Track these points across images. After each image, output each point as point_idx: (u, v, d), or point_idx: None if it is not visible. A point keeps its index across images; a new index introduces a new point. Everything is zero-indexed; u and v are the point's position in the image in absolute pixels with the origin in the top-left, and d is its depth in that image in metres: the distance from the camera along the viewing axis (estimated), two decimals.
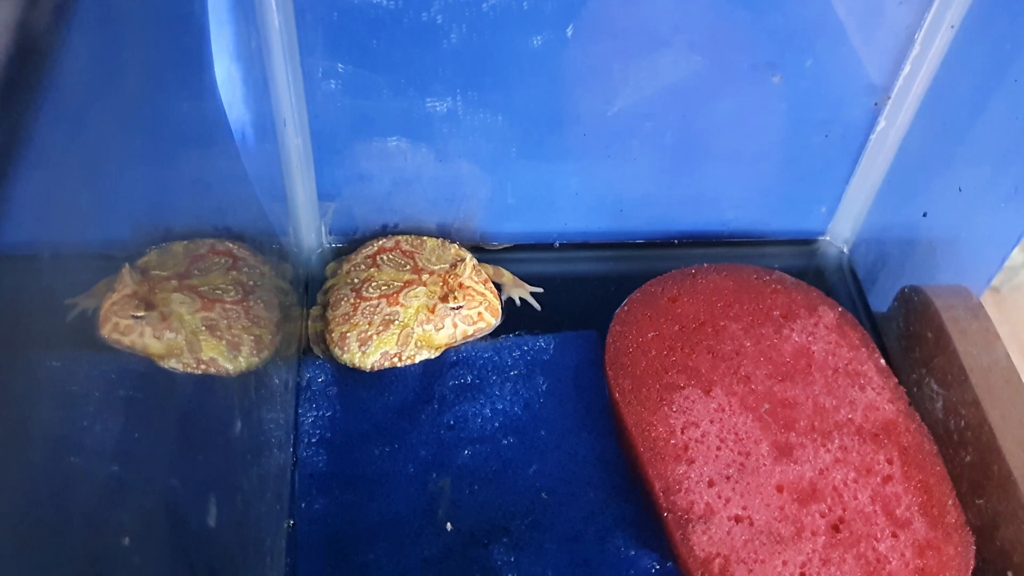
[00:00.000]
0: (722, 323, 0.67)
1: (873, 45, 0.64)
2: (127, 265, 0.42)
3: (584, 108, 0.67)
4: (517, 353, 0.66)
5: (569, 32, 0.62)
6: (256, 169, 0.62)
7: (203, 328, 0.51)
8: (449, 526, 0.59)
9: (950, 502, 0.58)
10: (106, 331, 0.41)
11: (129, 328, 0.44)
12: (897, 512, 0.58)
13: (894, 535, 0.57)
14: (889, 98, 0.67)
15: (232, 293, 0.55)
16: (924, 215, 0.69)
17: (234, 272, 0.56)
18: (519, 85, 0.65)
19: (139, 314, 0.44)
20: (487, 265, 0.72)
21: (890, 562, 0.55)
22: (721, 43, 0.63)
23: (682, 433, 0.61)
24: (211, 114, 0.54)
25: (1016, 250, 0.67)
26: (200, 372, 0.50)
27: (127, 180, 0.41)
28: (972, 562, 0.56)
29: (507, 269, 0.73)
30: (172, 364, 0.47)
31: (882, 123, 0.69)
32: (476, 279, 0.67)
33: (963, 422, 0.61)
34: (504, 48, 0.62)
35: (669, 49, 0.63)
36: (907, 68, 0.65)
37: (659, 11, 0.61)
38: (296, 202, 0.71)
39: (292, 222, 0.72)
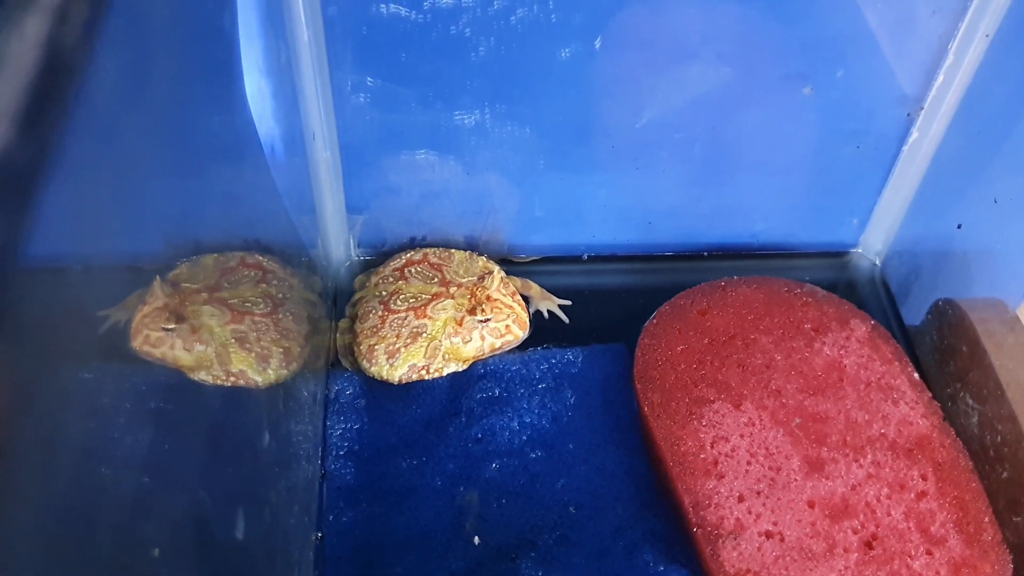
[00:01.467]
0: (752, 336, 0.66)
1: (905, 55, 0.63)
2: (158, 278, 0.42)
3: (612, 120, 0.67)
4: (545, 366, 0.66)
5: (597, 44, 0.61)
6: (285, 182, 0.63)
7: (232, 340, 0.51)
8: (477, 540, 0.58)
9: (986, 519, 0.57)
10: (137, 343, 0.41)
11: (160, 340, 0.44)
12: (932, 529, 0.57)
13: (929, 553, 0.56)
14: (922, 108, 0.66)
15: (261, 306, 0.55)
16: (959, 227, 0.68)
17: (263, 285, 0.56)
18: (547, 97, 0.65)
19: (170, 326, 0.44)
20: (515, 278, 0.72)
21: None
22: (750, 54, 0.63)
23: (712, 447, 0.60)
24: (241, 128, 0.54)
25: None
26: (229, 384, 0.50)
27: (158, 193, 0.41)
28: None
29: (535, 282, 0.73)
30: (202, 376, 0.47)
31: (915, 134, 0.68)
32: (504, 292, 0.67)
33: (999, 438, 0.59)
34: (532, 61, 0.62)
35: (698, 60, 0.63)
36: (940, 78, 0.64)
37: (688, 22, 0.61)
38: (325, 215, 0.71)
39: (321, 235, 0.72)
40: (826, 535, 0.56)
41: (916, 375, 0.65)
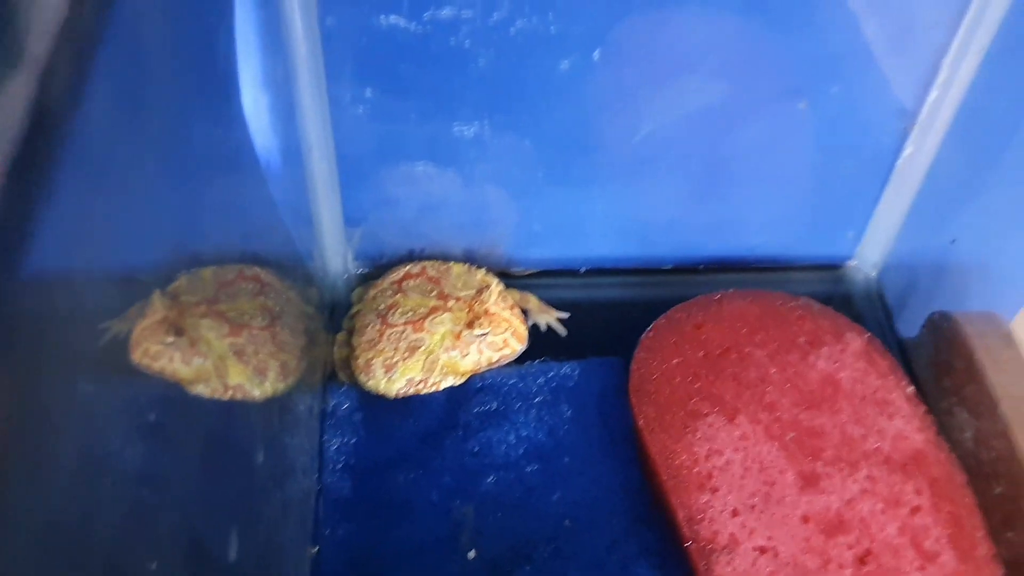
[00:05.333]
0: (747, 350, 0.66)
1: (900, 70, 0.64)
2: (158, 291, 0.43)
3: (610, 134, 0.67)
4: (542, 380, 0.67)
5: (596, 56, 0.62)
6: (283, 195, 0.63)
7: (231, 354, 0.52)
8: (472, 553, 0.59)
9: (980, 535, 0.57)
10: (137, 356, 0.42)
11: (159, 353, 0.44)
12: (926, 544, 0.57)
13: (922, 568, 0.56)
14: (917, 123, 0.67)
15: (259, 319, 0.55)
16: (952, 242, 0.68)
17: (261, 298, 0.57)
18: (546, 110, 0.65)
19: (169, 340, 0.45)
20: (513, 290, 0.72)
21: None
22: (747, 70, 0.63)
23: (706, 461, 0.60)
24: (239, 142, 0.55)
25: None
26: (227, 397, 0.50)
27: (158, 207, 0.41)
28: None
29: (533, 294, 0.73)
30: (200, 389, 0.48)
31: (910, 148, 0.68)
32: (502, 305, 0.68)
33: (994, 453, 0.60)
34: (531, 73, 0.63)
35: (695, 76, 0.63)
36: (935, 93, 0.65)
37: (685, 38, 0.61)
38: (322, 227, 0.71)
39: (318, 247, 0.73)
40: (820, 551, 0.56)
41: (911, 389, 0.65)
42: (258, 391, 0.53)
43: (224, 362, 0.51)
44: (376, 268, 0.76)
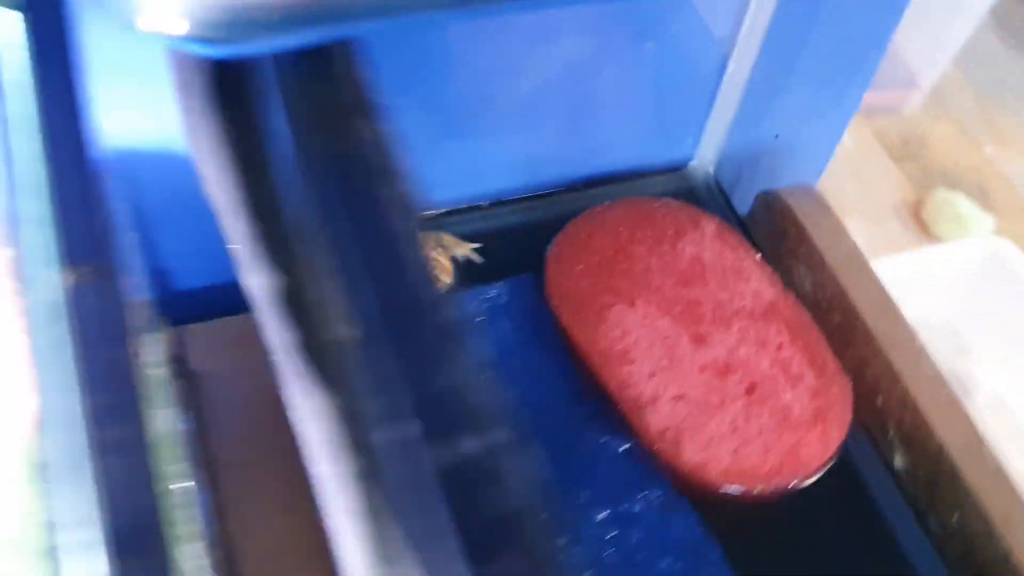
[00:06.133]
0: (631, 248, 0.81)
1: (720, 10, 0.79)
2: None
3: (495, 88, 0.78)
4: (476, 303, 0.78)
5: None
6: None
7: None
8: None
9: (829, 356, 0.75)
10: None
11: None
12: (792, 370, 0.75)
13: (793, 387, 0.74)
14: (735, 48, 0.82)
15: None
16: (776, 137, 0.86)
17: None
18: (429, 73, 0.73)
19: None
20: (429, 233, 0.83)
21: (794, 409, 0.73)
22: (602, 25, 0.76)
23: (621, 340, 0.75)
24: None
25: None
26: None
27: None
28: (851, 397, 0.74)
29: (447, 232, 0.84)
30: None
31: (731, 67, 0.84)
32: (426, 248, 0.78)
33: (828, 293, 0.78)
34: (408, 37, 0.70)
35: (562, 34, 0.76)
36: (747, 23, 0.80)
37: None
38: None
39: None
40: (718, 390, 0.73)
41: (758, 256, 0.82)
42: None
43: None
44: None
